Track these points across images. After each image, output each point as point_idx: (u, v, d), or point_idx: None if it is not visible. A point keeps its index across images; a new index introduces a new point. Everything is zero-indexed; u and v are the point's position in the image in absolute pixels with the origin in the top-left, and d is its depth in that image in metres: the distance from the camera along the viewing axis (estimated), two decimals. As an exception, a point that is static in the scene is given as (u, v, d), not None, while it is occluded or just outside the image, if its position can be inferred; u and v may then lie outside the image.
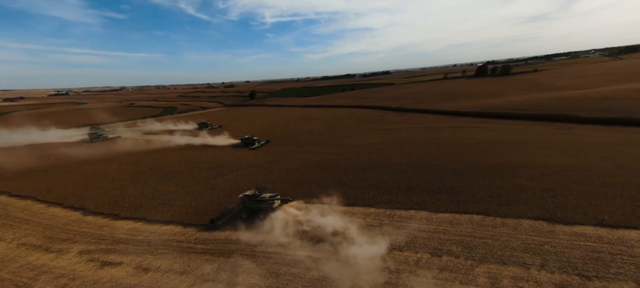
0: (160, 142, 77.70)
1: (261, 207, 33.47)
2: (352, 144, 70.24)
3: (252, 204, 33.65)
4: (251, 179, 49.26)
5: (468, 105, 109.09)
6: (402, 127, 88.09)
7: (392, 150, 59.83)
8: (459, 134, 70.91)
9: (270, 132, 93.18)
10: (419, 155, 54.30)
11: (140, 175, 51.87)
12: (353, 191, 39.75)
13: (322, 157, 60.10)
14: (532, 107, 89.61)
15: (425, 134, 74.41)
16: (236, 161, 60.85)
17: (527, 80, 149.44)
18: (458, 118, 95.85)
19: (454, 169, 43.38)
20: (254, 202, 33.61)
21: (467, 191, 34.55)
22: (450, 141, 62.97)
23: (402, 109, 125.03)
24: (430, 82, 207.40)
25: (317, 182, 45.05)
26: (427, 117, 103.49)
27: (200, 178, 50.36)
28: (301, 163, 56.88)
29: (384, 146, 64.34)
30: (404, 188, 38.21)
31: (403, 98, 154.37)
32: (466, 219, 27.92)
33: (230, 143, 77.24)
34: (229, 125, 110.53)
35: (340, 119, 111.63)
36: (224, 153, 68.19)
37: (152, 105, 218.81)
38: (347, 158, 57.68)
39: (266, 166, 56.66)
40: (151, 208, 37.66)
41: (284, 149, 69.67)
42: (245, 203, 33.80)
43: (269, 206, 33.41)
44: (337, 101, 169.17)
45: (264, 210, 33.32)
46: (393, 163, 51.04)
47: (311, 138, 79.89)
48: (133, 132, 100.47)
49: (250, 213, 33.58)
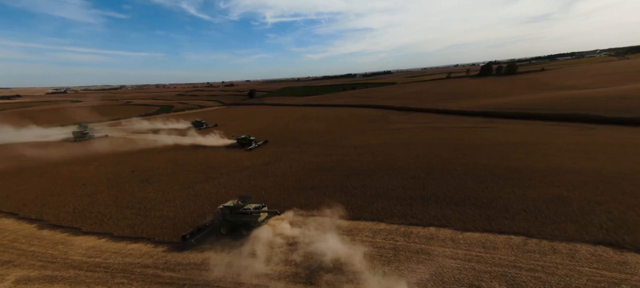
0: (148, 141, 72.15)
1: (244, 220, 27.93)
2: (354, 144, 64.73)
3: (234, 217, 28.10)
4: (242, 184, 43.74)
5: (474, 105, 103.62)
6: (406, 127, 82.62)
7: (398, 152, 54.31)
8: (469, 134, 65.40)
9: (268, 131, 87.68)
10: (429, 157, 48.78)
11: (118, 178, 46.29)
12: (358, 201, 34.19)
13: (322, 159, 54.58)
14: (544, 107, 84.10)
15: (432, 134, 68.90)
16: (228, 163, 55.31)
17: (534, 80, 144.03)
18: (464, 118, 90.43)
19: (474, 174, 37.83)
20: (236, 215, 28.05)
21: (496, 203, 28.99)
22: (461, 142, 57.46)
23: (405, 108, 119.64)
24: (433, 82, 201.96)
25: (316, 189, 39.50)
26: (431, 117, 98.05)
27: (185, 182, 44.80)
28: (299, 165, 51.38)
29: (389, 147, 58.83)
30: (418, 199, 32.66)
31: (405, 97, 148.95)
32: (503, 242, 22.33)
33: (225, 143, 71.73)
34: (226, 125, 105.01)
35: (341, 119, 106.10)
36: (217, 154, 62.65)
37: (149, 103, 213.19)
38: (349, 160, 52.15)
39: (261, 169, 51.15)
40: (121, 220, 32.08)
41: (281, 150, 64.17)
42: (225, 216, 28.25)
43: (253, 220, 27.88)
44: (338, 100, 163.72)
45: (247, 224, 27.79)
46: (401, 166, 45.51)
47: (311, 138, 74.37)
48: (123, 131, 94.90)
49: (231, 228, 28.04)
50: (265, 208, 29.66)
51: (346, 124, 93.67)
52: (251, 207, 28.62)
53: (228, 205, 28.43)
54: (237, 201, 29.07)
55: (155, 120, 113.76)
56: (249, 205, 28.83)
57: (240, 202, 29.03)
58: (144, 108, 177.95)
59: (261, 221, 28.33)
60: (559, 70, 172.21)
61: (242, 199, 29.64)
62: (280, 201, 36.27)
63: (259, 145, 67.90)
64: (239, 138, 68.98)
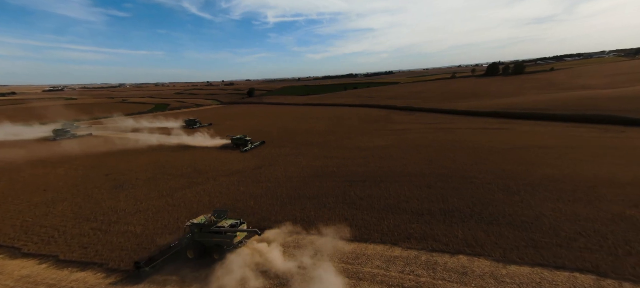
0: (131, 141, 66.36)
1: (217, 241, 22.13)
2: (357, 146, 58.95)
3: (204, 237, 22.27)
4: (229, 191, 38.00)
5: (483, 105, 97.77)
6: (412, 128, 76.86)
7: (408, 155, 48.51)
8: (483, 135, 59.58)
9: (265, 131, 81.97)
10: (444, 161, 42.96)
11: (88, 183, 40.51)
12: (364, 215, 28.37)
13: (321, 162, 48.81)
14: (561, 107, 78.26)
15: (442, 135, 63.08)
16: (217, 166, 49.57)
17: (545, 79, 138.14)
18: (474, 118, 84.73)
19: (501, 184, 31.99)
20: (207, 234, 22.23)
21: (540, 223, 23.14)
22: (477, 144, 51.63)
23: (409, 108, 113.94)
24: (438, 81, 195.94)
25: (314, 199, 33.70)
26: (438, 117, 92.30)
27: (164, 189, 39.04)
28: (296, 170, 45.62)
29: (396, 150, 53.03)
30: (438, 214, 26.83)
31: (409, 97, 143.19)
32: (566, 282, 16.46)
33: (218, 144, 65.97)
34: (222, 124, 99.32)
35: (343, 118, 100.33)
36: (206, 156, 56.89)
37: (145, 101, 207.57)
38: (353, 164, 46.35)
39: (253, 173, 45.42)
40: (75, 238, 26.29)
41: (277, 152, 58.43)
42: (194, 236, 22.42)
43: (228, 241, 22.08)
44: (339, 100, 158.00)
45: (220, 247, 21.99)
46: (412, 172, 39.70)
47: (310, 138, 68.60)
48: (109, 129, 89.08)
49: (199, 251, 22.22)
50: (243, 225, 23.75)
51: (348, 124, 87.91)
52: (226, 224, 22.76)
53: (198, 221, 22.57)
54: (210, 216, 23.18)
55: (146, 118, 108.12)
56: (224, 222, 22.97)
57: (214, 217, 23.15)
58: (139, 106, 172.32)
59: (237, 242, 22.49)
60: (570, 70, 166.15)
61: (216, 214, 23.78)
62: (271, 214, 30.50)
63: (255, 146, 62.25)
64: (233, 138, 63.33)
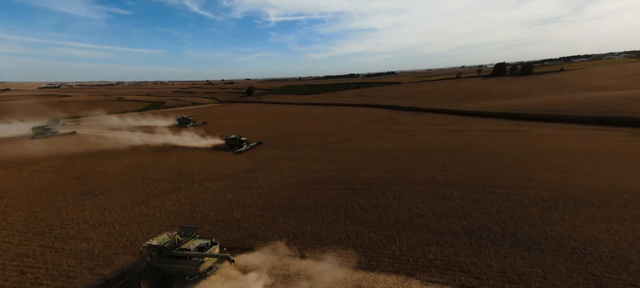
0: (116, 140, 61.56)
1: (179, 269, 17.24)
2: (360, 148, 54.02)
3: (164, 263, 17.40)
4: (215, 199, 33.14)
5: (494, 106, 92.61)
6: (420, 129, 71.87)
7: (417, 159, 43.56)
8: (499, 138, 54.55)
9: (262, 131, 77.16)
10: (460, 168, 37.97)
11: (53, 188, 35.68)
12: (371, 233, 23.44)
13: (321, 166, 43.94)
14: (579, 109, 73.08)
15: (453, 137, 58.07)
16: (205, 169, 44.72)
17: (556, 80, 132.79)
18: (484, 119, 79.67)
19: (535, 196, 26.98)
20: (168, 259, 17.33)
21: (598, 250, 18.20)
22: (493, 148, 46.60)
23: (415, 109, 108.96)
24: (443, 81, 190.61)
25: (312, 210, 28.80)
26: (445, 118, 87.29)
27: (140, 195, 34.18)
28: (292, 174, 40.75)
29: (404, 153, 48.08)
30: (461, 233, 21.87)
31: (413, 97, 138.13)
32: None
33: (210, 144, 61.06)
34: (217, 122, 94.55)
35: (344, 118, 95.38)
36: (195, 157, 52.02)
37: (141, 99, 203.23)
38: (356, 169, 41.43)
39: (244, 177, 40.58)
40: (15, 259, 21.47)
41: (273, 153, 53.60)
42: (152, 261, 17.52)
43: (192, 269, 17.16)
44: (340, 99, 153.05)
45: (183, 276, 17.10)
46: (424, 180, 34.74)
47: (309, 140, 63.71)
48: (96, 128, 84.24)
49: (158, 281, 17.33)
50: (215, 248, 18.72)
51: (350, 124, 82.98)
52: (192, 246, 17.82)
53: (158, 242, 17.62)
54: (175, 235, 18.23)
55: (136, 116, 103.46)
56: (190, 243, 18.05)
57: (180, 237, 18.21)
58: (134, 104, 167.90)
59: (205, 270, 17.55)
60: (582, 71, 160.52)
61: (183, 232, 18.87)
62: (259, 229, 25.60)
63: (251, 147, 57.36)
64: (227, 138, 58.43)
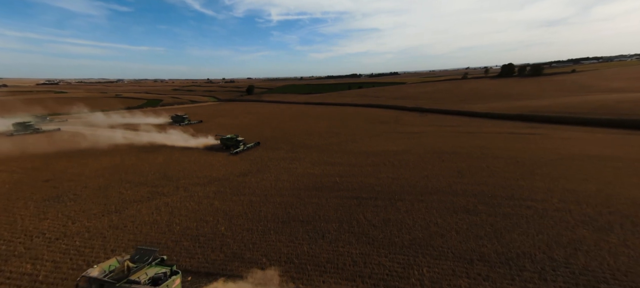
0: (103, 138, 57.28)
1: None
2: (365, 150, 49.61)
3: None
4: (200, 206, 28.85)
5: (506, 107, 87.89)
6: (428, 130, 67.36)
7: (429, 164, 39.08)
8: (516, 142, 50.00)
9: (260, 130, 72.90)
10: (479, 174, 33.46)
11: (16, 193, 31.39)
12: (382, 257, 19.01)
13: (321, 170, 39.57)
14: (600, 111, 68.28)
15: (466, 140, 53.53)
16: (194, 172, 40.41)
17: (569, 82, 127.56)
18: (497, 121, 75.04)
19: (577, 213, 22.44)
20: None
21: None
22: (513, 153, 42.04)
23: (420, 109, 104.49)
24: (448, 82, 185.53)
25: (309, 223, 24.40)
26: (454, 119, 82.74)
27: (115, 202, 29.86)
28: (290, 178, 36.40)
29: (413, 156, 43.61)
30: (496, 261, 17.40)
31: (418, 97, 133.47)
32: None
33: (203, 144, 56.74)
34: (213, 121, 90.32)
35: (347, 118, 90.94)
36: (184, 158, 47.70)
37: (139, 97, 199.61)
38: (360, 173, 37.01)
39: (236, 182, 36.28)
40: None
41: (270, 155, 49.30)
42: None
43: None
44: (343, 99, 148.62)
45: None
46: (439, 188, 30.26)
47: (309, 140, 59.33)
48: (83, 125, 79.92)
49: None
50: (175, 280, 14.29)
51: (353, 124, 78.52)
52: (147, 275, 13.46)
53: (98, 273, 13.29)
54: (125, 262, 13.85)
55: (127, 114, 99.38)
56: (143, 273, 13.67)
57: (131, 263, 13.83)
58: (131, 101, 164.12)
59: None
60: (595, 72, 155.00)
61: (138, 255, 14.53)
62: (245, 247, 21.24)
63: (249, 147, 52.97)
64: (223, 138, 54.04)
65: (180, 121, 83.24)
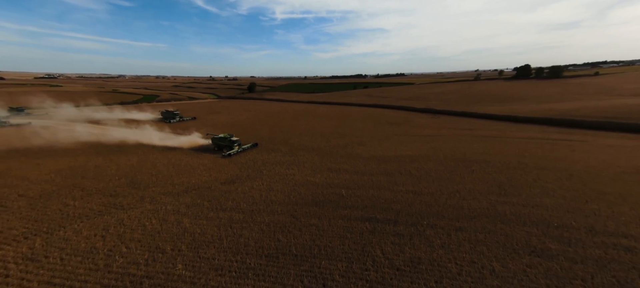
0: (72, 134, 50.34)
1: None
2: (375, 155, 42.20)
3: None
4: (163, 226, 21.73)
5: (529, 110, 79.83)
6: (444, 133, 59.72)
7: (457, 175, 31.57)
8: (555, 150, 42.23)
9: (257, 129, 65.75)
10: (528, 192, 25.88)
11: None
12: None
13: (323, 178, 32.29)
14: (637, 117, 60.09)
15: (492, 146, 45.84)
16: (169, 177, 33.31)
17: (593, 85, 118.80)
18: (522, 125, 67.18)
19: None
20: None
21: None
22: (562, 164, 34.36)
23: (432, 110, 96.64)
24: (460, 83, 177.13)
25: (305, 260, 17.12)
26: (471, 122, 74.90)
27: (54, 217, 22.74)
28: (285, 188, 29.15)
29: (434, 164, 36.10)
30: None
31: (428, 98, 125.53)
32: None
33: (191, 144, 49.53)
34: (208, 118, 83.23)
35: (353, 118, 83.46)
36: (163, 160, 40.59)
37: (136, 92, 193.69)
38: (371, 184, 29.61)
39: (218, 191, 29.15)
40: None
41: (265, 157, 42.14)
42: None
43: None
44: (348, 99, 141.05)
45: None
46: (480, 211, 22.72)
47: (311, 141, 52.03)
48: (60, 120, 73.19)
49: None
50: None
51: (360, 126, 71.03)
52: None
53: None
54: None
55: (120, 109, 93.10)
56: None
57: None
58: (128, 96, 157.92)
59: None
60: (620, 76, 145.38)
61: None
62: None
63: (244, 149, 45.72)
64: (215, 137, 46.77)
65: (171, 118, 76.33)
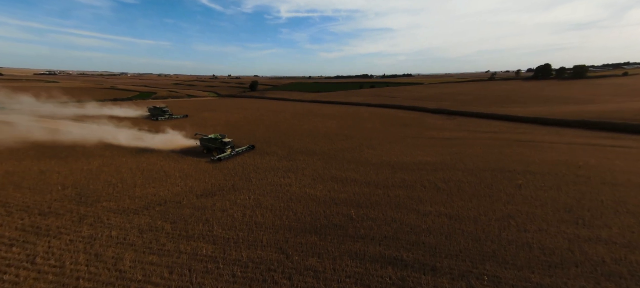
0: (30, 130, 43.55)
1: None
2: (388, 160, 34.79)
3: None
4: (91, 266, 14.41)
5: (560, 112, 71.55)
6: (463, 137, 52.05)
7: (500, 191, 24.01)
8: (616, 159, 34.28)
9: (253, 128, 58.74)
10: (617, 221, 18.13)
11: None
12: None
13: (326, 191, 25.04)
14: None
15: (530, 152, 38.04)
16: (132, 188, 26.34)
17: (625, 86, 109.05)
18: (551, 128, 59.28)
19: None
20: None
21: None
22: (635, 177, 26.49)
23: (447, 111, 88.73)
24: (473, 83, 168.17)
25: None
26: (492, 124, 67.01)
27: None
28: (276, 205, 21.91)
29: (464, 174, 28.58)
30: None
31: (441, 99, 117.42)
32: None
33: (172, 145, 42.06)
34: (200, 115, 76.25)
35: (360, 118, 75.98)
36: (131, 165, 33.59)
37: (134, 88, 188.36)
38: (388, 202, 22.18)
39: (190, 208, 22.09)
40: None
41: (257, 162, 35.09)
42: None
43: None
44: (354, 98, 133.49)
45: None
46: (562, 254, 15.08)
47: (312, 144, 44.74)
48: (32, 115, 66.70)
49: None
50: None
51: (368, 126, 63.57)
52: None
53: None
54: None
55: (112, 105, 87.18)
56: None
57: None
58: (124, 93, 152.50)
59: None
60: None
61: None
62: None
63: (239, 152, 38.61)
64: (204, 138, 39.53)
65: (159, 115, 69.52)
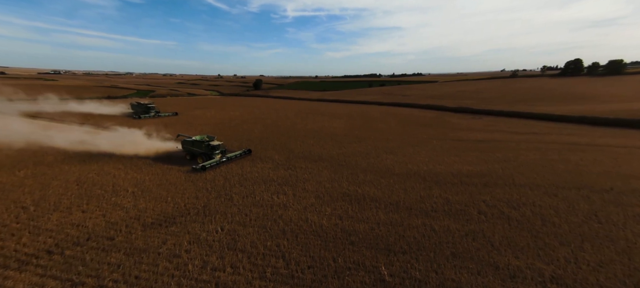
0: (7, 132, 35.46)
1: None
2: (416, 169, 25.40)
3: None
4: None
5: (609, 110, 60.88)
6: (498, 139, 42.40)
7: (622, 233, 14.04)
8: None
9: (250, 128, 49.96)
10: None
11: None
12: None
13: (336, 219, 15.69)
14: None
15: (609, 161, 28.23)
16: (44, 214, 17.65)
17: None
18: (607, 129, 49.18)
19: None
20: None
21: None
22: None
23: (470, 110, 78.72)
24: (493, 80, 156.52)
25: None
26: (529, 124, 57.25)
27: None
28: (258, 247, 12.59)
29: (539, 194, 18.94)
30: None
31: (459, 97, 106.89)
32: None
33: (146, 150, 33.02)
34: (192, 113, 67.68)
35: (372, 118, 66.48)
36: (72, 175, 24.94)
37: (133, 87, 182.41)
38: (439, 248, 12.49)
39: (127, 248, 12.98)
40: None
41: (245, 170, 26.26)
42: None
43: None
44: (364, 97, 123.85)
45: None
46: None
47: (318, 147, 35.46)
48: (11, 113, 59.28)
49: None
50: None
51: (383, 127, 54.09)
52: None
53: None
54: None
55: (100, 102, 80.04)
56: None
57: None
58: (122, 91, 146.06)
59: None
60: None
61: None
62: None
63: (231, 158, 29.83)
64: (187, 141, 30.67)
65: (143, 112, 61.15)
